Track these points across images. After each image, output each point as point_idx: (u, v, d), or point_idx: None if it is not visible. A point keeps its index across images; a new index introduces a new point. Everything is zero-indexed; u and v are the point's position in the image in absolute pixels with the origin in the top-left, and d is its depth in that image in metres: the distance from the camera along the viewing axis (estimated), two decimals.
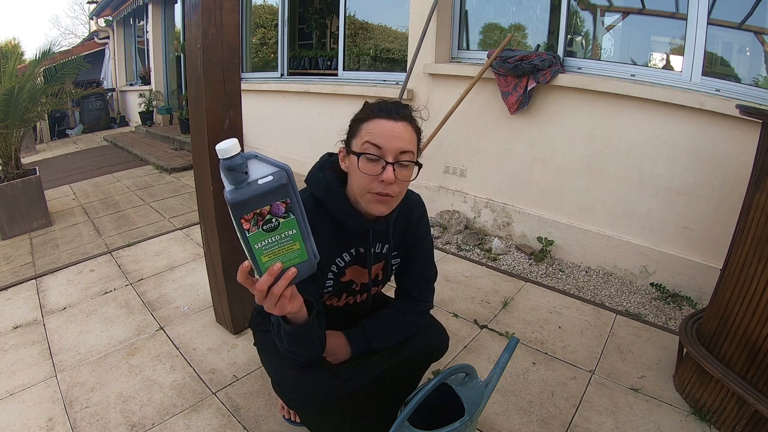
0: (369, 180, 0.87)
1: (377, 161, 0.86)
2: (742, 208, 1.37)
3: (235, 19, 1.46)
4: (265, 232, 0.65)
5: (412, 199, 1.12)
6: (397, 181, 0.87)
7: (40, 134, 8.33)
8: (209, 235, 1.67)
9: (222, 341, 1.74)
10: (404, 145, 0.87)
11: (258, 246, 0.66)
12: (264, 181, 0.63)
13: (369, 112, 0.91)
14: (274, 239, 0.66)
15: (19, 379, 1.56)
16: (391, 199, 0.89)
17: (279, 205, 0.64)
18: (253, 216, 0.63)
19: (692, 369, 1.42)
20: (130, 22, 8.86)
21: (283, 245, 0.67)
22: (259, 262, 0.67)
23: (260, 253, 0.66)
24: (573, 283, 2.26)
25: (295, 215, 0.66)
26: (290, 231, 0.67)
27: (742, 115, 1.40)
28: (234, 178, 0.63)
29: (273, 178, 0.64)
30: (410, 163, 0.89)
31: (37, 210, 3.23)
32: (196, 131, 1.56)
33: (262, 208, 0.64)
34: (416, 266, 1.14)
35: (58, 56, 4.60)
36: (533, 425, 1.35)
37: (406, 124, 0.90)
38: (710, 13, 1.94)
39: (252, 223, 0.64)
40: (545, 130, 2.46)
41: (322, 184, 0.97)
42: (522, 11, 2.74)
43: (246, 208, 0.63)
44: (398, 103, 0.92)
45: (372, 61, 3.89)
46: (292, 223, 0.66)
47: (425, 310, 1.16)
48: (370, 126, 0.88)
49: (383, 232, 1.03)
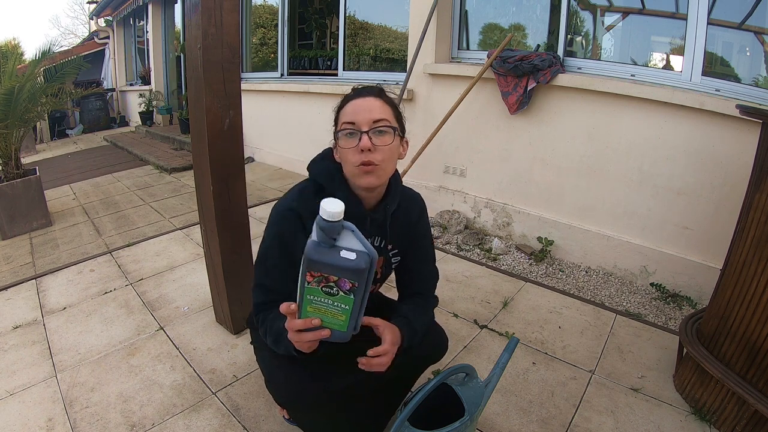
0: (351, 153, 0.91)
1: (354, 134, 0.91)
2: (742, 208, 1.37)
3: (235, 19, 1.46)
4: (322, 292, 0.68)
5: (412, 196, 1.13)
6: (376, 147, 0.90)
7: (40, 134, 8.33)
8: (209, 235, 1.67)
9: (222, 341, 1.74)
10: (376, 115, 0.92)
11: (309, 297, 0.69)
12: (346, 255, 0.65)
13: (343, 100, 0.98)
14: (326, 301, 0.69)
15: (19, 379, 1.56)
16: (376, 168, 0.91)
17: (346, 282, 0.67)
18: (319, 276, 0.66)
19: (692, 369, 1.42)
20: (130, 22, 8.86)
21: (331, 310, 0.70)
22: (303, 308, 0.71)
23: (308, 303, 0.70)
24: (573, 283, 2.26)
25: (355, 297, 0.68)
26: (344, 305, 0.69)
27: (742, 115, 1.40)
28: (322, 237, 0.66)
29: (356, 257, 0.66)
30: (386, 128, 0.92)
31: (37, 210, 3.24)
32: (196, 131, 1.56)
33: (331, 275, 0.66)
34: (421, 265, 1.14)
35: (58, 56, 4.61)
36: (533, 425, 1.35)
37: (376, 98, 0.95)
38: (710, 13, 1.94)
39: (315, 280, 0.67)
40: (545, 130, 2.46)
41: (324, 170, 1.00)
42: (522, 11, 2.74)
43: (317, 268, 0.66)
44: (368, 86, 0.99)
45: (372, 61, 3.89)
46: (349, 301, 0.69)
47: (434, 306, 1.16)
48: (345, 109, 0.95)
49: (381, 223, 1.02)
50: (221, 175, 1.55)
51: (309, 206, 0.95)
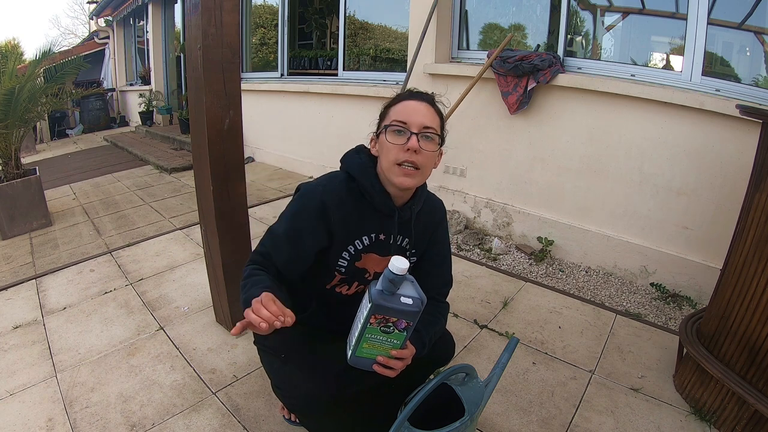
0: (396, 150, 0.94)
1: (403, 132, 0.95)
2: (742, 208, 1.37)
3: (235, 19, 1.46)
4: (380, 331, 0.82)
5: (436, 201, 1.16)
6: (421, 150, 0.94)
7: (40, 134, 8.32)
8: (209, 235, 1.67)
9: (222, 341, 1.74)
10: (427, 122, 0.96)
11: (368, 336, 0.82)
12: (405, 301, 0.79)
13: (396, 98, 1.01)
14: (380, 338, 0.83)
15: (19, 379, 1.56)
16: (417, 172, 0.95)
17: (403, 322, 0.81)
18: (382, 318, 0.80)
19: (692, 369, 1.42)
20: (130, 22, 8.86)
21: (384, 345, 0.84)
22: (360, 345, 0.84)
23: (365, 341, 0.83)
24: (573, 283, 2.26)
25: (407, 334, 0.84)
26: (396, 341, 0.84)
27: (742, 115, 1.40)
28: (387, 287, 0.79)
29: (413, 303, 0.79)
30: (434, 135, 0.96)
31: (37, 210, 3.23)
32: (196, 131, 1.56)
33: (392, 317, 0.80)
34: (435, 269, 1.15)
35: (58, 56, 4.60)
36: (533, 425, 1.35)
37: (429, 105, 0.98)
38: (710, 13, 1.94)
39: (378, 322, 0.80)
40: (545, 130, 2.46)
41: (357, 162, 1.03)
42: (522, 11, 2.74)
43: (382, 312, 0.79)
44: (423, 92, 1.02)
45: (372, 61, 3.89)
46: (400, 337, 0.84)
47: (447, 313, 1.17)
48: (397, 107, 0.98)
49: (406, 221, 1.05)
50: (221, 175, 1.55)
51: (334, 193, 0.99)
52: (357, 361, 0.87)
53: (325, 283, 1.09)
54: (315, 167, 3.91)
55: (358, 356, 0.85)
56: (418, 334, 0.99)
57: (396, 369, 0.88)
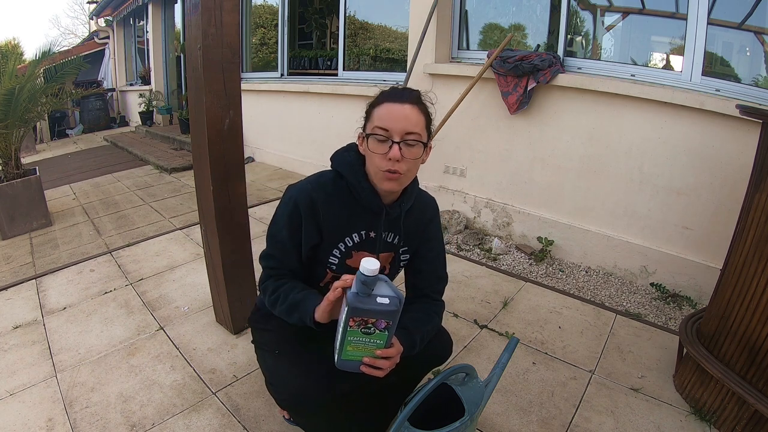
0: (379, 158, 0.94)
1: (385, 141, 0.93)
2: (742, 209, 1.37)
3: (235, 19, 1.46)
4: (361, 333, 0.82)
5: (428, 198, 1.16)
6: (404, 159, 0.93)
7: (40, 134, 8.32)
8: (209, 235, 1.67)
9: (222, 341, 1.74)
10: (410, 127, 0.93)
11: (350, 338, 0.82)
12: (382, 301, 0.79)
13: (379, 97, 0.98)
14: (363, 340, 0.83)
15: (19, 379, 1.56)
16: (400, 176, 0.95)
17: (382, 322, 0.81)
18: (360, 320, 0.80)
19: (692, 369, 1.42)
20: (130, 22, 8.86)
21: (367, 346, 0.85)
22: (344, 348, 0.84)
23: (348, 344, 0.83)
24: (573, 283, 2.26)
25: (388, 333, 0.83)
26: (379, 341, 0.84)
27: (742, 115, 1.40)
28: (361, 290, 0.79)
29: (389, 302, 0.79)
30: (416, 143, 0.94)
31: (37, 210, 3.23)
32: (196, 131, 1.56)
33: (370, 318, 0.80)
34: (429, 266, 1.15)
35: (58, 56, 4.59)
36: (533, 425, 1.35)
37: (413, 107, 0.95)
38: (710, 13, 1.94)
39: (357, 324, 0.80)
40: (545, 130, 2.46)
41: (346, 160, 1.03)
42: (522, 11, 2.74)
43: (359, 314, 0.79)
44: (407, 89, 0.99)
45: (372, 61, 3.89)
46: (383, 337, 0.83)
47: (442, 311, 1.17)
48: (380, 110, 0.95)
49: (395, 218, 1.05)
50: (221, 175, 1.55)
51: (324, 191, 1.00)
52: (344, 364, 0.87)
53: (318, 280, 1.09)
54: (315, 167, 3.86)
55: (344, 359, 0.86)
56: (407, 332, 0.98)
57: (384, 368, 0.88)
